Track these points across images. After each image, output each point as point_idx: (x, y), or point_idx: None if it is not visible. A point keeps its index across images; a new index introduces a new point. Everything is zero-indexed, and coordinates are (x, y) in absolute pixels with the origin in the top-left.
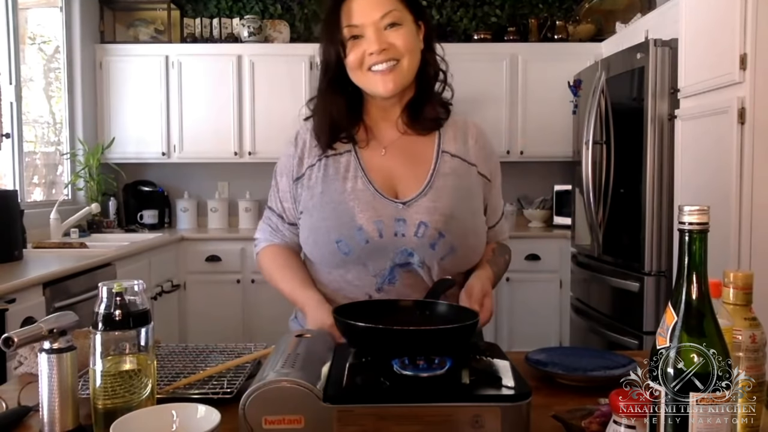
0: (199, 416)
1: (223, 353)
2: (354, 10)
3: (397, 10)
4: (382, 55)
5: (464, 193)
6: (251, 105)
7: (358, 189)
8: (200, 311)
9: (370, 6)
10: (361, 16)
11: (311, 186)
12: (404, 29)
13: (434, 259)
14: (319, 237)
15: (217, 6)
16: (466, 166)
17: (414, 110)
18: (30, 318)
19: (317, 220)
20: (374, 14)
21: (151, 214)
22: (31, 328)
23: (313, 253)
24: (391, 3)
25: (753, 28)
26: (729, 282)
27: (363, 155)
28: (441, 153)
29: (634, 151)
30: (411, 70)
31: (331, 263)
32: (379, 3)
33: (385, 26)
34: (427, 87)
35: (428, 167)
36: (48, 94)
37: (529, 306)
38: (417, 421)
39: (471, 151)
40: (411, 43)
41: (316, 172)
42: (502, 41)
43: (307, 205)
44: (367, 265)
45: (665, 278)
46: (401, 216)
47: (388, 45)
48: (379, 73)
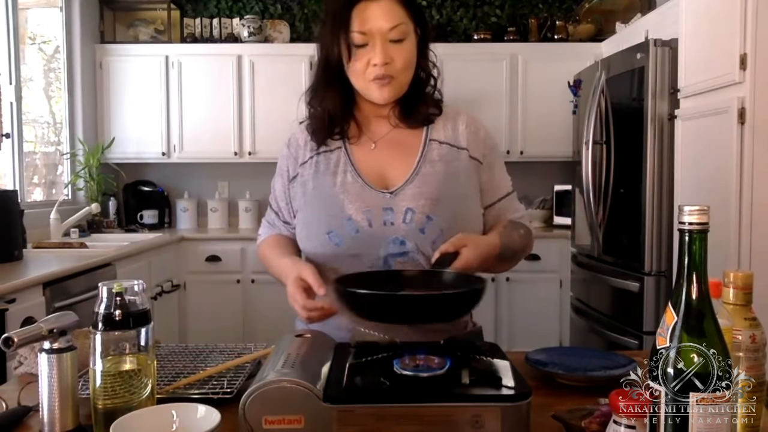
0: (199, 416)
1: (223, 353)
2: (366, 16)
3: (404, 24)
4: (384, 69)
5: (452, 178)
6: (251, 105)
7: (347, 182)
8: (200, 311)
9: (382, 15)
10: (371, 24)
11: (304, 183)
12: (407, 45)
13: (426, 244)
14: (311, 230)
15: (217, 6)
16: (455, 152)
17: (407, 105)
18: (30, 318)
19: (308, 214)
20: (384, 24)
21: (151, 214)
22: (31, 328)
23: (307, 247)
24: (400, 15)
25: (753, 28)
26: (729, 282)
27: (353, 151)
28: (429, 141)
29: (634, 151)
30: (407, 84)
31: (325, 257)
32: (390, 13)
33: (391, 39)
34: (420, 88)
35: (416, 156)
36: (48, 94)
37: (529, 306)
38: (417, 421)
39: (461, 136)
40: (410, 59)
41: (308, 169)
42: (502, 41)
43: (300, 202)
44: (360, 257)
45: (665, 278)
46: (389, 205)
47: (391, 60)
48: (378, 83)
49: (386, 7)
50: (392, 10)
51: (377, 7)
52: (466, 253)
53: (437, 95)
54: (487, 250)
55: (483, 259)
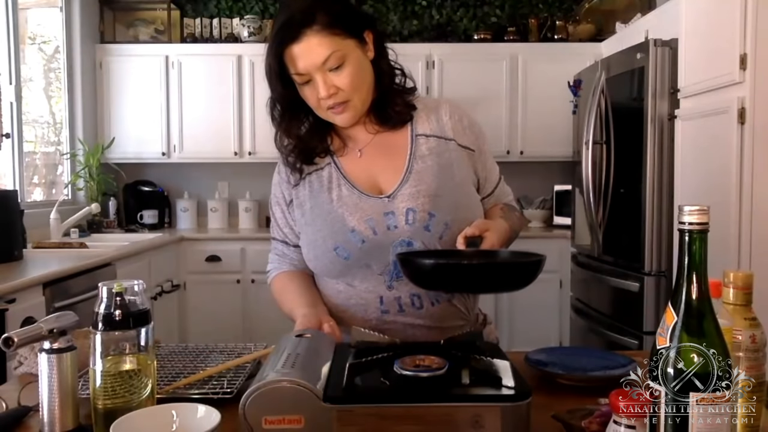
0: (199, 416)
1: (223, 353)
2: (297, 58)
3: (337, 50)
4: (332, 99)
5: (446, 170)
6: (251, 105)
7: (343, 195)
8: (200, 311)
9: (310, 52)
10: (303, 64)
11: (301, 204)
12: (348, 68)
13: (434, 240)
14: (317, 249)
15: (217, 6)
16: (443, 143)
17: (379, 110)
18: (30, 318)
19: (312, 233)
20: (315, 60)
21: (151, 214)
22: (31, 328)
23: (317, 267)
24: (329, 44)
25: (753, 28)
26: (729, 282)
27: (342, 163)
28: (415, 137)
29: (634, 151)
30: (364, 101)
31: (335, 272)
32: (318, 47)
33: (329, 68)
34: (387, 90)
35: (405, 155)
36: (48, 94)
37: (529, 306)
38: (417, 421)
39: (446, 126)
40: (356, 80)
41: (302, 190)
42: (502, 41)
43: (301, 222)
44: (371, 265)
45: (665, 278)
46: (389, 209)
47: (336, 89)
48: (333, 111)
49: (313, 42)
50: (320, 43)
51: (304, 45)
52: (491, 237)
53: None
54: (504, 235)
55: (502, 243)
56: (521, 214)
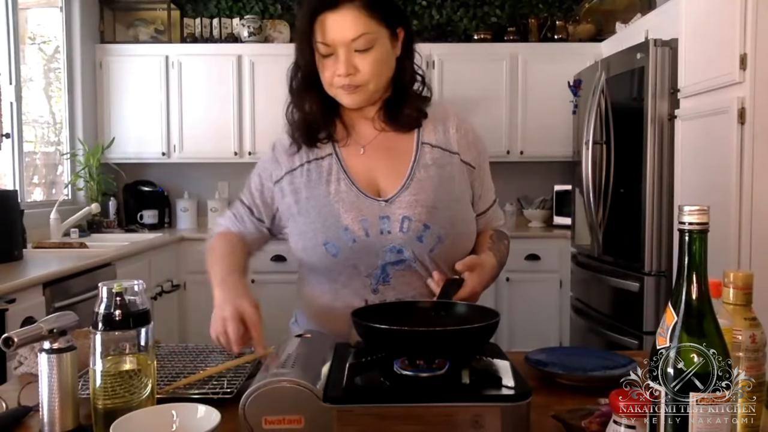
0: (199, 416)
1: (223, 353)
2: (328, 27)
3: (370, 33)
4: (348, 78)
5: (447, 183)
6: (251, 105)
7: (341, 191)
8: (200, 311)
9: (344, 26)
10: (333, 35)
11: (296, 191)
12: (374, 54)
13: (424, 252)
14: (306, 241)
15: (217, 6)
16: (447, 156)
17: (391, 109)
18: (30, 318)
19: (303, 224)
20: (346, 35)
21: (151, 214)
22: (31, 328)
23: (303, 258)
24: (364, 25)
25: (753, 28)
26: (729, 282)
27: (344, 156)
28: (421, 145)
29: (634, 151)
30: (377, 90)
31: (321, 267)
32: (352, 24)
33: (356, 49)
34: (403, 91)
35: (409, 161)
36: (48, 94)
37: (529, 306)
38: (417, 421)
39: (452, 139)
40: (379, 68)
41: (298, 177)
42: (502, 41)
43: (293, 211)
44: (358, 266)
45: (665, 278)
46: (385, 213)
47: (355, 70)
48: (344, 90)
49: (349, 17)
50: (356, 20)
51: (339, 17)
52: (472, 281)
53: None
54: (489, 274)
55: (486, 284)
56: (508, 243)
